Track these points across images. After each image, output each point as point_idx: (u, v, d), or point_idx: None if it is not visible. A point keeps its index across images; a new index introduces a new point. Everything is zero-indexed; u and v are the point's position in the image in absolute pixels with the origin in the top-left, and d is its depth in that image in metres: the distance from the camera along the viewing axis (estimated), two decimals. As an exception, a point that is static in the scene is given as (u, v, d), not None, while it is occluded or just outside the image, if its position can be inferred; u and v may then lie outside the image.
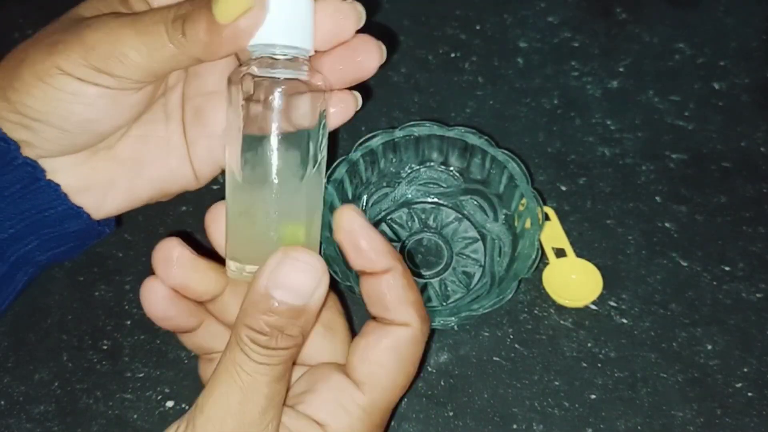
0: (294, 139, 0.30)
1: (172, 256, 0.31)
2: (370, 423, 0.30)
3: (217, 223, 0.32)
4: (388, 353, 0.30)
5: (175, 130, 0.35)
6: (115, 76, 0.30)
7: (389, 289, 0.30)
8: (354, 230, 0.29)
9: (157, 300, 0.32)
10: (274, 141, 0.29)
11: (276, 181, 0.29)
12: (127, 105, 0.32)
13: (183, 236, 0.32)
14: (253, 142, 0.30)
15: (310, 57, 0.31)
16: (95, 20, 0.31)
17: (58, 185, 0.33)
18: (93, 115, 0.31)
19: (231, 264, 0.30)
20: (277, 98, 0.29)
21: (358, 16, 0.31)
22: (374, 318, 0.31)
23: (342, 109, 0.34)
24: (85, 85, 0.30)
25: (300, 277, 0.28)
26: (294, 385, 0.32)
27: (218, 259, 0.32)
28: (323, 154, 0.31)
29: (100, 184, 0.35)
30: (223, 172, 0.34)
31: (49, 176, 0.33)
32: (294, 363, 0.32)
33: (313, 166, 0.31)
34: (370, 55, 0.32)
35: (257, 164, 0.30)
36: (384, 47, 0.33)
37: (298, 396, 0.31)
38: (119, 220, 0.41)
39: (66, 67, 0.30)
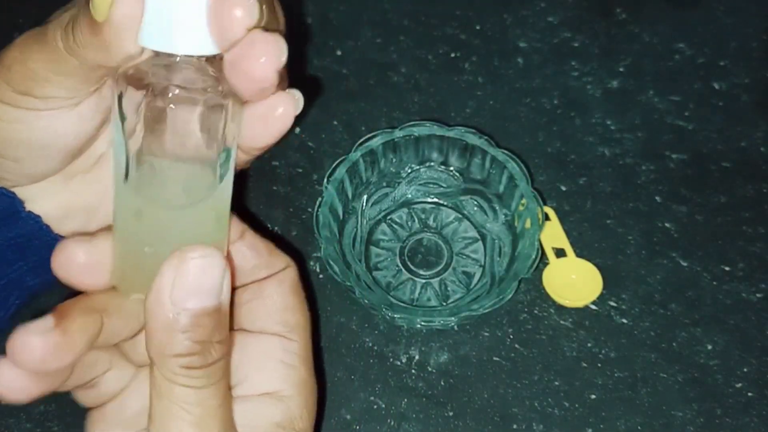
0: (193, 152, 0.26)
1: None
2: (310, 368, 0.29)
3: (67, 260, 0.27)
4: (290, 295, 0.29)
5: None
6: (38, 96, 0.27)
7: (254, 247, 0.29)
8: None
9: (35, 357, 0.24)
10: (164, 156, 0.25)
11: (169, 202, 0.26)
12: (76, 120, 0.28)
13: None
14: (140, 157, 0.25)
15: (214, 57, 0.25)
16: (23, 35, 0.27)
17: (38, 216, 0.31)
18: (43, 140, 0.28)
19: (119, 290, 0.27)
20: (167, 108, 0.25)
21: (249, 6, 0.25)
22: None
23: (280, 115, 0.27)
24: (18, 110, 0.27)
25: (207, 275, 0.24)
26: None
27: None
28: (229, 168, 0.27)
29: (82, 210, 0.32)
30: None
31: (27, 205, 0.31)
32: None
33: (216, 183, 0.26)
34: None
35: (147, 184, 0.26)
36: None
37: (236, 378, 0.28)
38: None
39: None
